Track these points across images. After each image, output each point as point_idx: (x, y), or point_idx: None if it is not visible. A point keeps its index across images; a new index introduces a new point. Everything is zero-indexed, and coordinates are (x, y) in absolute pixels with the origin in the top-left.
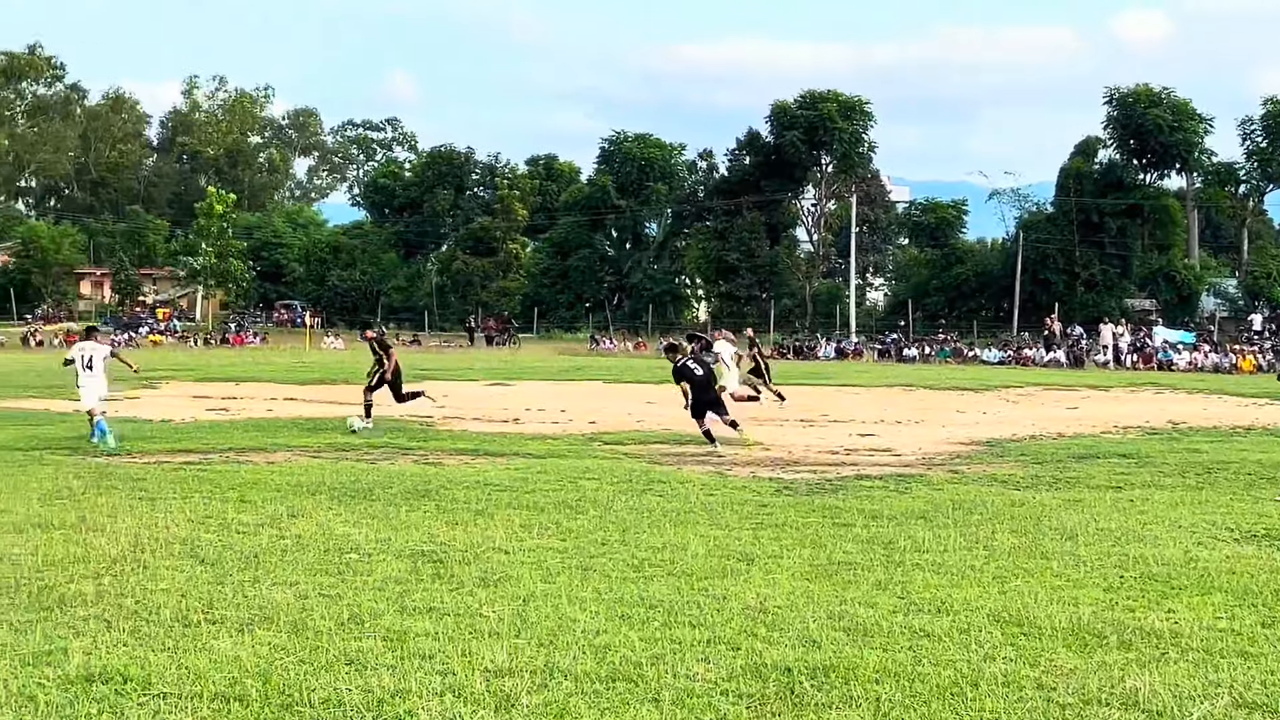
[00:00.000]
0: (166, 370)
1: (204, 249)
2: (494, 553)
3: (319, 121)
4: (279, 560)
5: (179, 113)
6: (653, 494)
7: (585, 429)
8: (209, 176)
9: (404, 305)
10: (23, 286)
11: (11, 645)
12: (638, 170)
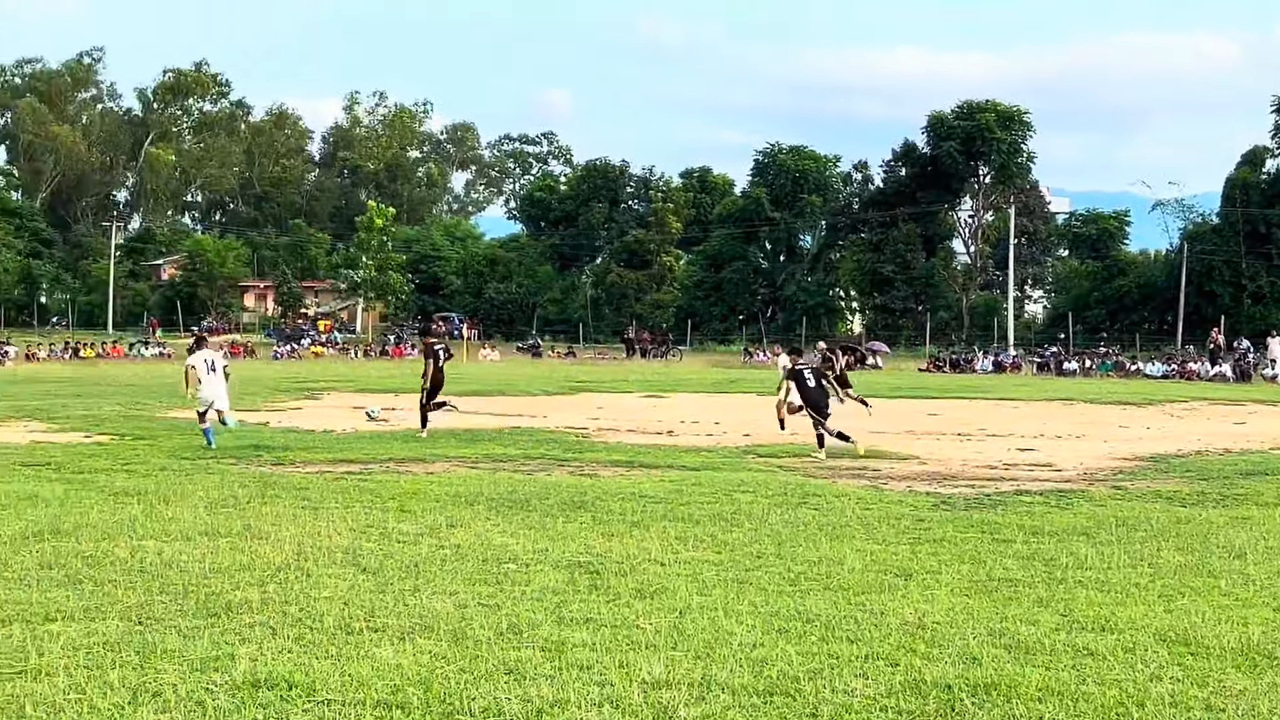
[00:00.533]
0: (327, 381)
1: (364, 262)
2: (650, 565)
3: (476, 136)
4: (439, 569)
5: (340, 128)
6: (808, 507)
7: (739, 442)
8: (369, 191)
9: (559, 317)
10: (189, 299)
11: (180, 650)
12: (792, 182)
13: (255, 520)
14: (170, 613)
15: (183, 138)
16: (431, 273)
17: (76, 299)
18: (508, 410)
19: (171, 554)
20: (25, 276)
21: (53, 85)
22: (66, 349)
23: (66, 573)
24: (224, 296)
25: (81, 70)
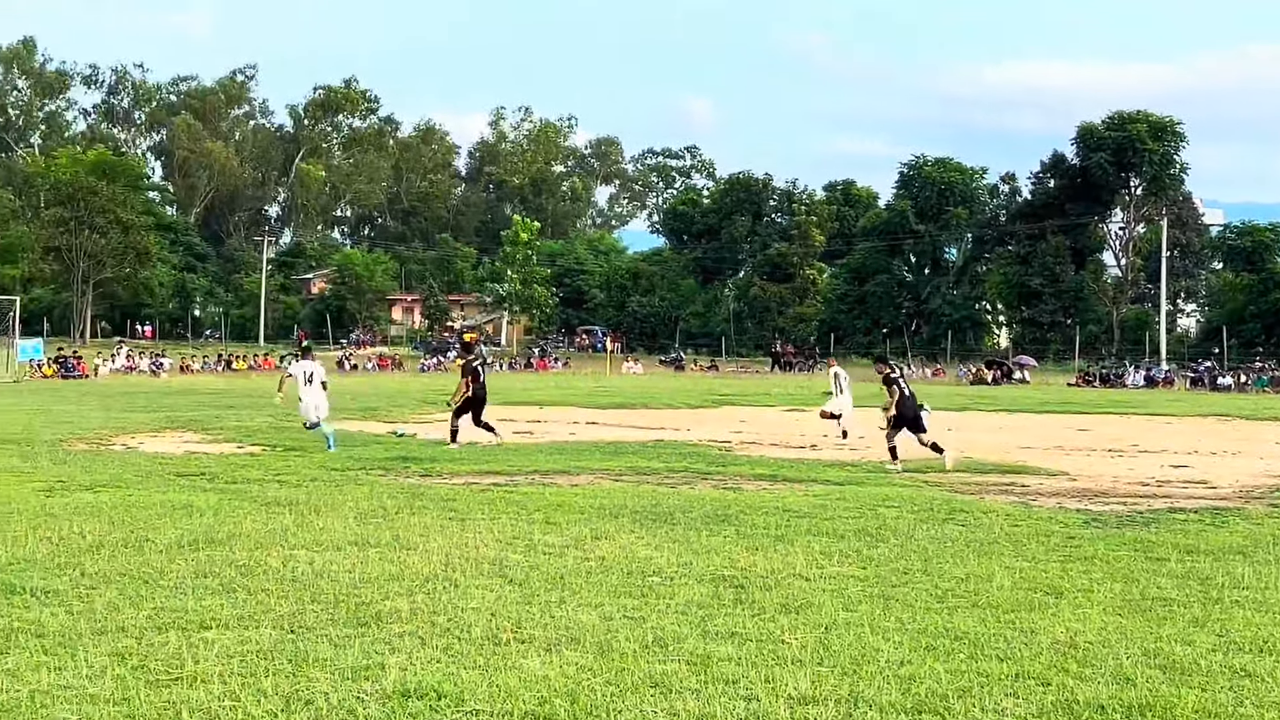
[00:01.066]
0: None
1: (509, 276)
2: (795, 579)
3: (620, 150)
4: (584, 582)
5: (486, 143)
6: (954, 523)
7: (884, 456)
8: (514, 205)
9: (701, 331)
10: (338, 312)
11: (332, 659)
12: (937, 195)
13: (404, 531)
14: (322, 621)
15: (332, 153)
16: (575, 286)
17: (229, 312)
18: (651, 423)
19: (323, 563)
20: (180, 290)
21: (207, 102)
22: (219, 361)
23: (221, 581)
24: (372, 310)
25: (235, 87)
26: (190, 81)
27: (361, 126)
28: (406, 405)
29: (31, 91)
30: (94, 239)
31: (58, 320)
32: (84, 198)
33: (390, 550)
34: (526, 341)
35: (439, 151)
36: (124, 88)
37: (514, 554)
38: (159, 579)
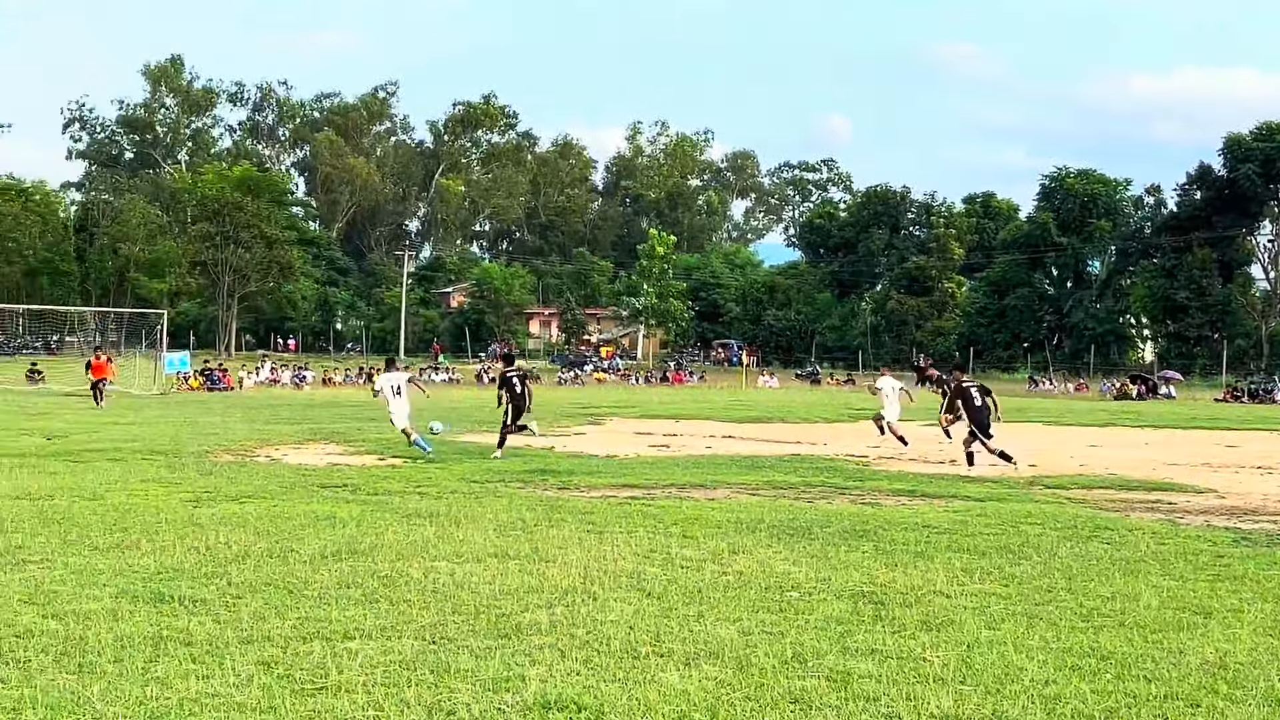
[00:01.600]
0: (610, 406)
1: (646, 289)
2: (935, 596)
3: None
4: (722, 596)
5: (623, 157)
6: (1099, 541)
7: (1025, 472)
8: (650, 219)
9: (838, 345)
10: (477, 325)
11: (473, 670)
12: (1080, 207)
13: (543, 543)
14: (463, 633)
15: (471, 168)
16: (711, 300)
17: (370, 325)
18: (787, 437)
19: (463, 575)
20: (322, 303)
21: (349, 119)
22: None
23: (364, 592)
24: (510, 323)
25: (376, 104)
26: (333, 98)
27: (500, 142)
28: (542, 418)
29: (179, 109)
30: (239, 253)
31: (203, 333)
32: (229, 213)
33: (529, 562)
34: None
35: (576, 166)
36: (269, 105)
37: (652, 567)
38: (303, 589)
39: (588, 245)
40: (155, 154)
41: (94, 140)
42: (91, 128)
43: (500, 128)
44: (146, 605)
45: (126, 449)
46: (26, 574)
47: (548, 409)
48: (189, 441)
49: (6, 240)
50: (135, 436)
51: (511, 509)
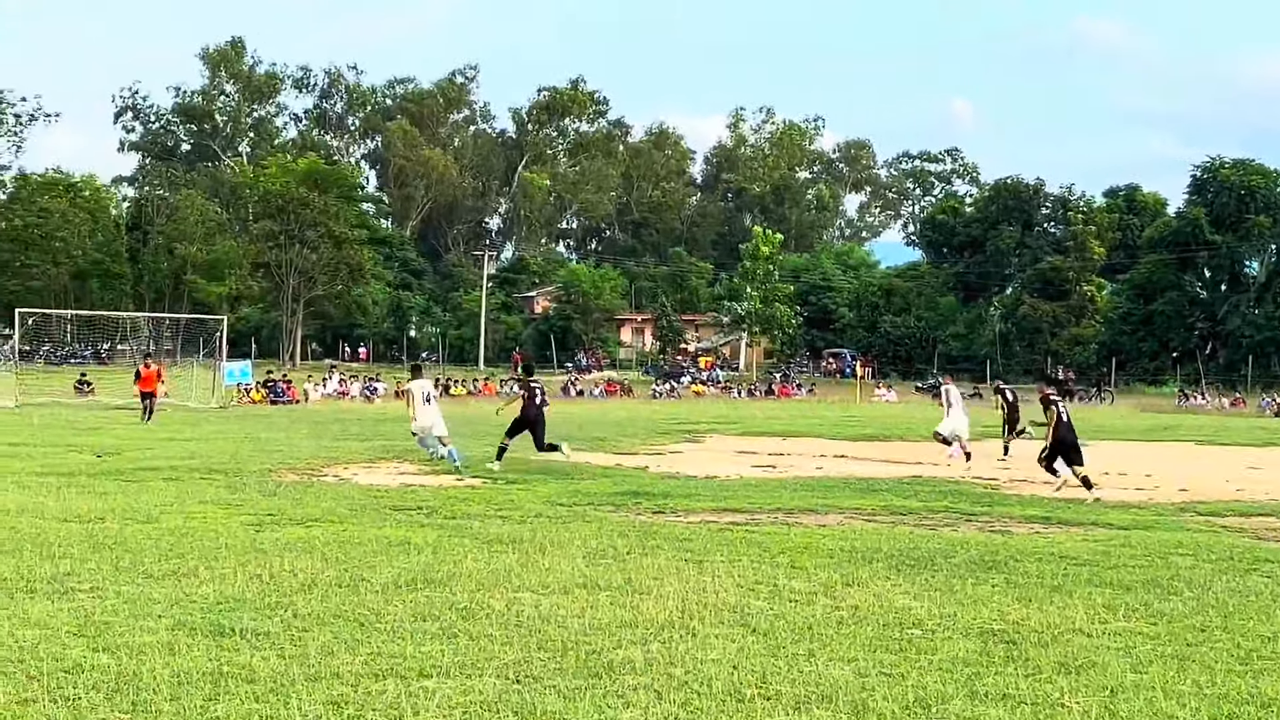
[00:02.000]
0: (709, 422)
1: (749, 293)
2: (1074, 635)
3: (871, 154)
4: (835, 633)
5: (724, 148)
6: (1259, 574)
7: (1174, 497)
8: (754, 215)
9: (963, 354)
10: (563, 333)
11: (561, 712)
12: (1236, 201)
13: (636, 573)
14: (549, 671)
15: (558, 160)
16: (821, 305)
17: (446, 333)
18: (906, 457)
19: (549, 607)
20: (395, 309)
21: (425, 107)
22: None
23: (441, 625)
24: (599, 330)
25: (454, 90)
26: (407, 84)
27: (589, 131)
28: (636, 435)
29: (240, 96)
30: (305, 254)
31: (266, 341)
32: (294, 210)
33: (622, 594)
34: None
35: (673, 157)
36: (337, 91)
37: (757, 601)
38: (375, 622)
39: (685, 244)
40: (214, 145)
41: (148, 131)
42: (145, 117)
43: (589, 116)
44: (205, 638)
45: (183, 467)
46: (76, 603)
47: (640, 425)
48: (250, 459)
49: (53, 240)
50: (192, 454)
51: (602, 535)
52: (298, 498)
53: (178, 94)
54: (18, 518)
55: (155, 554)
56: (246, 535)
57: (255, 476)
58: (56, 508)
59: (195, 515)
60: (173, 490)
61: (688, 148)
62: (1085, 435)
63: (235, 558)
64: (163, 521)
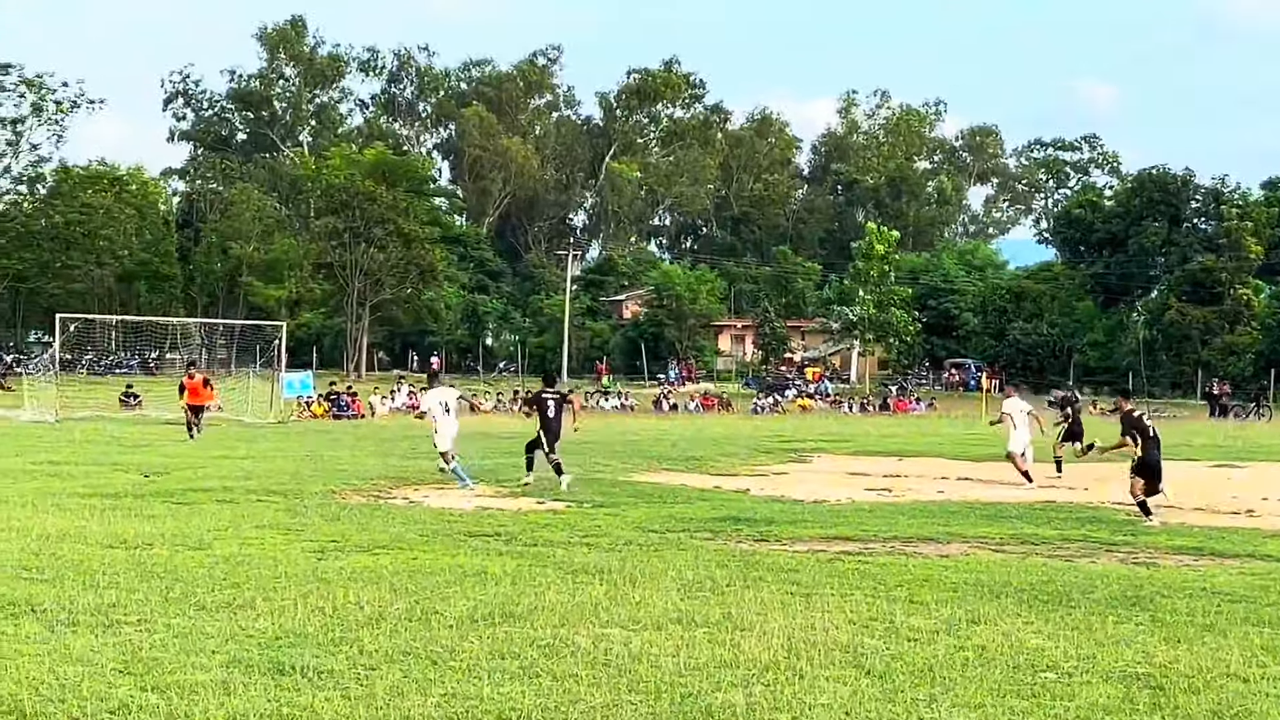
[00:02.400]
0: (817, 440)
1: (861, 297)
2: (1228, 680)
3: (999, 141)
4: (959, 675)
5: (833, 135)
6: None
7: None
8: (867, 210)
9: (1101, 365)
10: (655, 340)
11: None
12: None
13: (737, 608)
14: (640, 716)
15: (649, 150)
16: (942, 309)
17: (526, 340)
18: (1038, 480)
19: (640, 645)
20: (470, 314)
21: (503, 91)
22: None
23: (521, 664)
24: (694, 338)
25: (535, 73)
26: (484, 66)
27: (684, 117)
28: (736, 454)
29: (300, 80)
30: (371, 254)
31: (328, 350)
32: (360, 205)
33: (721, 631)
34: (881, 377)
35: (776, 146)
36: (407, 75)
37: (871, 639)
38: (449, 659)
39: (790, 243)
40: (272, 134)
41: (200, 118)
42: (197, 103)
43: (684, 100)
44: (263, 676)
45: (238, 489)
46: (122, 637)
47: (740, 444)
48: (312, 480)
49: (97, 239)
50: (248, 473)
51: (698, 565)
52: (363, 522)
53: (233, 78)
54: (59, 543)
55: (208, 583)
56: (308, 563)
57: (317, 499)
58: (101, 532)
59: (252, 541)
60: (227, 514)
61: (793, 135)
62: (1241, 456)
63: (295, 588)
64: (216, 548)
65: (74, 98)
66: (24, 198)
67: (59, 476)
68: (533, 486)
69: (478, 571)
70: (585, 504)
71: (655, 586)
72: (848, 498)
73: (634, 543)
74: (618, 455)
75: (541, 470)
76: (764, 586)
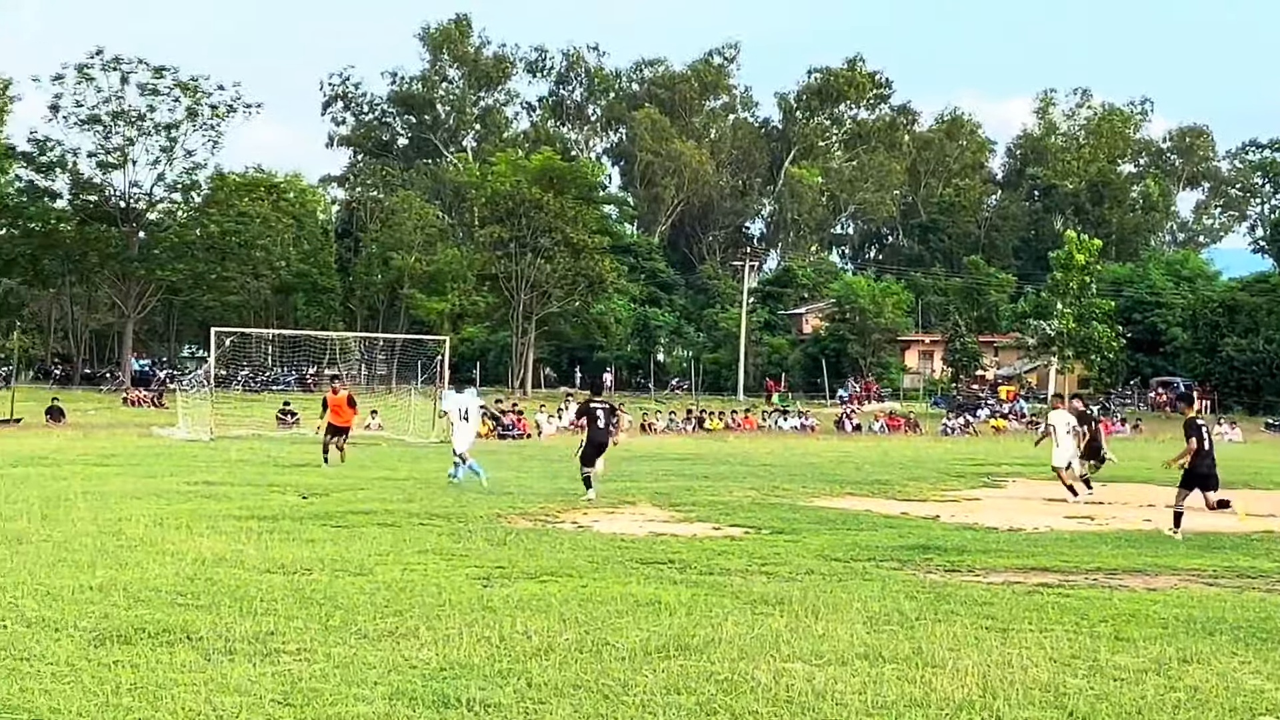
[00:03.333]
0: (1012, 464)
1: (1059, 310)
2: None
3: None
4: (1169, 719)
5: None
6: None
7: None
8: (1066, 217)
9: None
10: (837, 356)
11: None
12: None
13: (927, 642)
14: None
15: (831, 154)
16: (1148, 324)
17: (700, 356)
18: (1255, 509)
19: (824, 681)
20: (640, 328)
21: (676, 92)
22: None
23: (698, 699)
24: (879, 354)
25: (710, 72)
26: (656, 66)
27: (869, 119)
28: (925, 478)
29: (465, 82)
30: (538, 264)
31: (492, 365)
32: (526, 213)
33: (910, 667)
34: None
35: (968, 149)
36: (576, 76)
37: (1073, 678)
38: (621, 694)
39: (982, 252)
40: (435, 139)
41: (360, 123)
42: (357, 107)
43: (869, 101)
44: (427, 709)
45: (399, 511)
46: (280, 667)
47: (929, 467)
48: (476, 503)
49: (254, 249)
50: (410, 495)
51: (885, 596)
52: (530, 548)
53: (394, 80)
54: (215, 568)
55: (370, 611)
56: (473, 591)
57: (482, 523)
58: (258, 557)
59: (414, 567)
60: (388, 538)
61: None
62: None
63: (460, 616)
64: (378, 574)
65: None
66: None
67: (214, 498)
68: (595, 499)
69: (651, 601)
70: (764, 530)
71: (839, 619)
72: (1046, 526)
73: (816, 572)
74: (797, 479)
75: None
76: (956, 620)
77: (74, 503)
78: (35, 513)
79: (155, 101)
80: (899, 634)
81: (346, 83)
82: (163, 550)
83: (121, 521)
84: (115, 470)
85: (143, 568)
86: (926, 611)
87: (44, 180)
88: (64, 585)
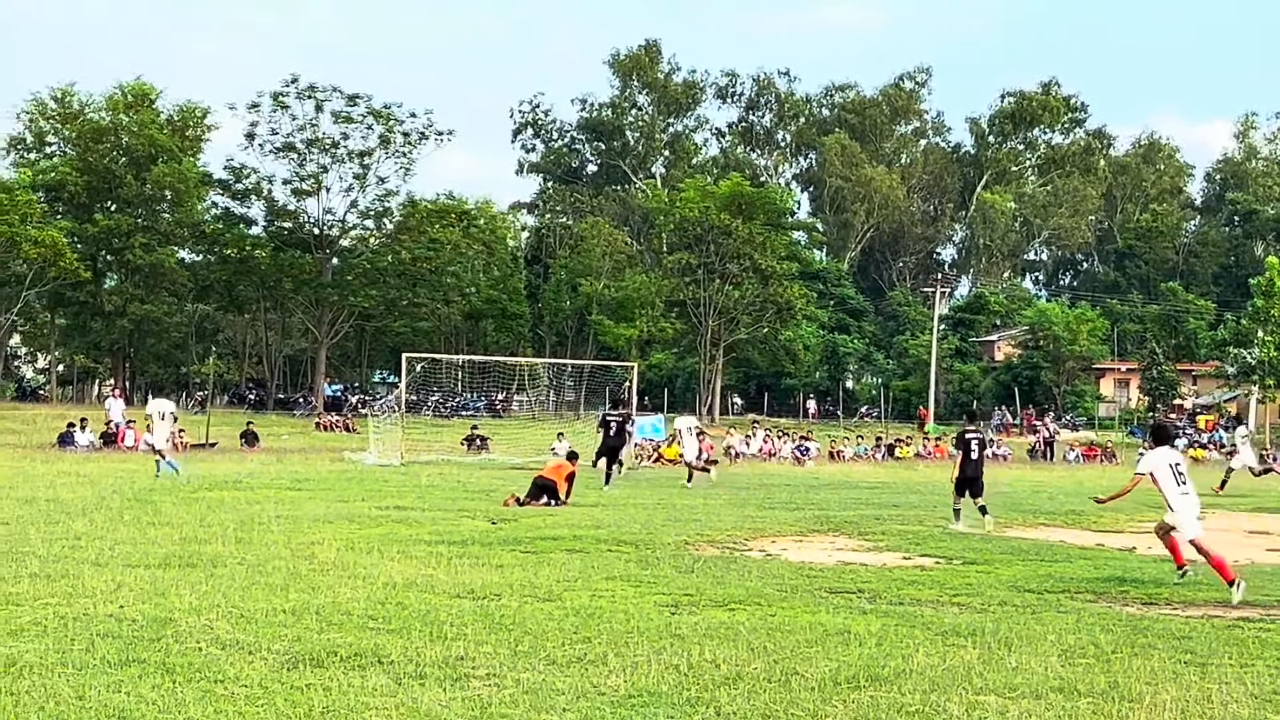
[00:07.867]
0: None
1: (1260, 338)
2: None
3: None
4: None
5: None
6: None
7: None
8: (1268, 243)
9: None
10: (1030, 384)
11: None
12: None
13: (1123, 676)
14: None
15: (1024, 179)
16: None
17: (889, 383)
18: None
19: (1017, 715)
20: (830, 355)
21: (866, 117)
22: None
23: None
24: (1073, 381)
25: (901, 97)
26: (846, 91)
27: (1063, 143)
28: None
29: (654, 108)
30: (726, 291)
31: (680, 392)
32: (715, 239)
33: (1107, 701)
34: None
35: (1166, 173)
36: (766, 101)
37: (1275, 715)
38: None
39: (1180, 278)
40: (624, 165)
41: (550, 149)
42: (547, 134)
43: (1063, 125)
44: None
45: (588, 537)
46: (470, 692)
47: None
48: (664, 529)
49: (444, 275)
50: (598, 521)
51: (1080, 629)
52: (718, 575)
53: (583, 107)
54: (405, 592)
55: (558, 637)
56: (661, 618)
57: (669, 550)
58: (448, 581)
59: (602, 593)
60: (576, 564)
61: (1184, 162)
62: None
63: (648, 644)
64: (566, 600)
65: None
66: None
67: (405, 523)
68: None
69: (840, 631)
70: (955, 560)
71: (1033, 651)
72: (1246, 559)
73: (1009, 603)
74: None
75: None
76: (1153, 654)
77: (267, 526)
78: (230, 536)
79: (349, 129)
80: (1094, 667)
81: (536, 110)
82: (354, 574)
83: (314, 545)
84: (308, 494)
85: (334, 591)
86: (1123, 645)
87: (240, 207)
88: (257, 608)
